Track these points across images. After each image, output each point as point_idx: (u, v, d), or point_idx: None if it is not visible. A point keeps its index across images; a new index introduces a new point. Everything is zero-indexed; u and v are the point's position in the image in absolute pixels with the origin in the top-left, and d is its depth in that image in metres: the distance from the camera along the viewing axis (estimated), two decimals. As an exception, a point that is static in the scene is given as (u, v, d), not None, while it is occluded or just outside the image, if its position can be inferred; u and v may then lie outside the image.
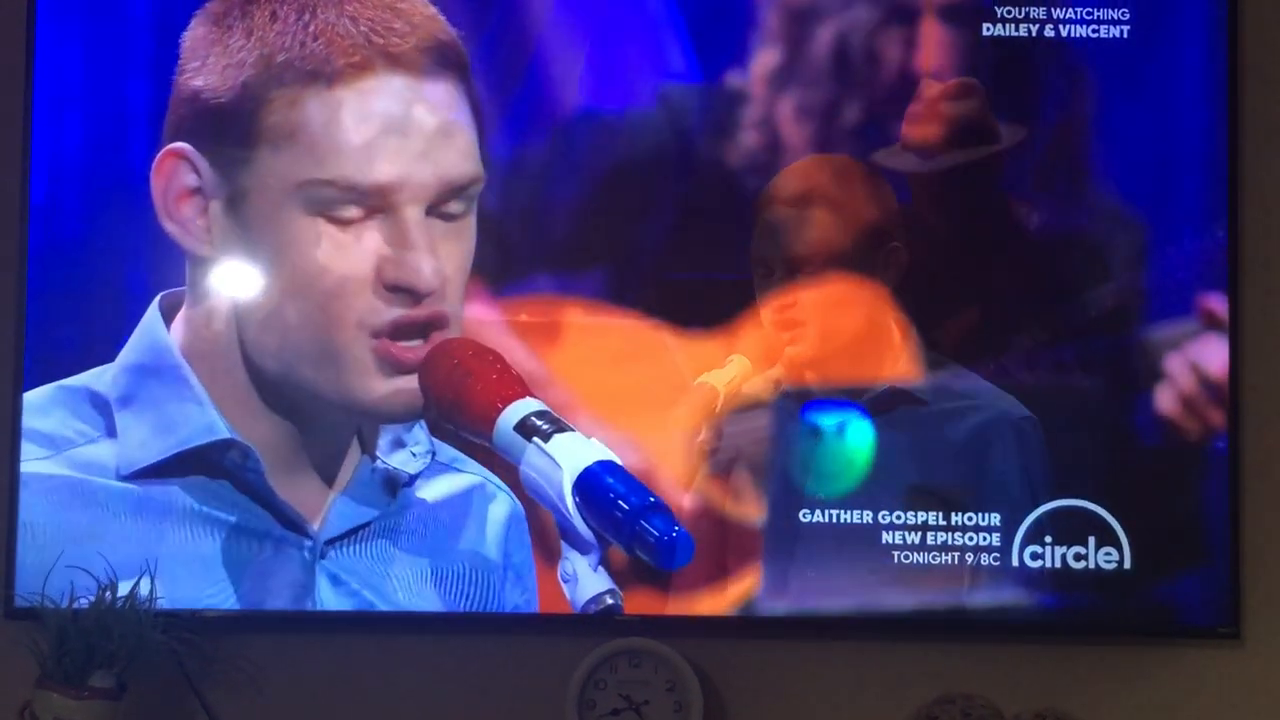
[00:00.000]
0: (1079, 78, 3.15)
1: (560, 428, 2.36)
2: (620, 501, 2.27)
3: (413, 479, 2.94)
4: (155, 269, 2.98)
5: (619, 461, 2.33)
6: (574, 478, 2.31)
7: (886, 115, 3.14)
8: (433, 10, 2.75)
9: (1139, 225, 3.13)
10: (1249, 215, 3.15)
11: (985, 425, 3.12)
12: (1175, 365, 3.09)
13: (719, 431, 3.10)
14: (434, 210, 2.74)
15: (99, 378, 2.91)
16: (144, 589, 2.85)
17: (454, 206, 2.75)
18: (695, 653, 3.05)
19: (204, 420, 2.83)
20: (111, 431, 2.87)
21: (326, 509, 2.89)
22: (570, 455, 2.33)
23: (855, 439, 3.11)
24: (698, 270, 3.15)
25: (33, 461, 2.93)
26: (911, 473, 3.12)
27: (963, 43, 3.15)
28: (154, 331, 2.87)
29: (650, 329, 3.13)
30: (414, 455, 2.94)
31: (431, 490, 2.96)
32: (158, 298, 2.89)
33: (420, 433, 2.96)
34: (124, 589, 2.84)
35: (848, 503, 3.10)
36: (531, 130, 3.13)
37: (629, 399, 3.10)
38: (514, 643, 3.08)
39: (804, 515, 3.09)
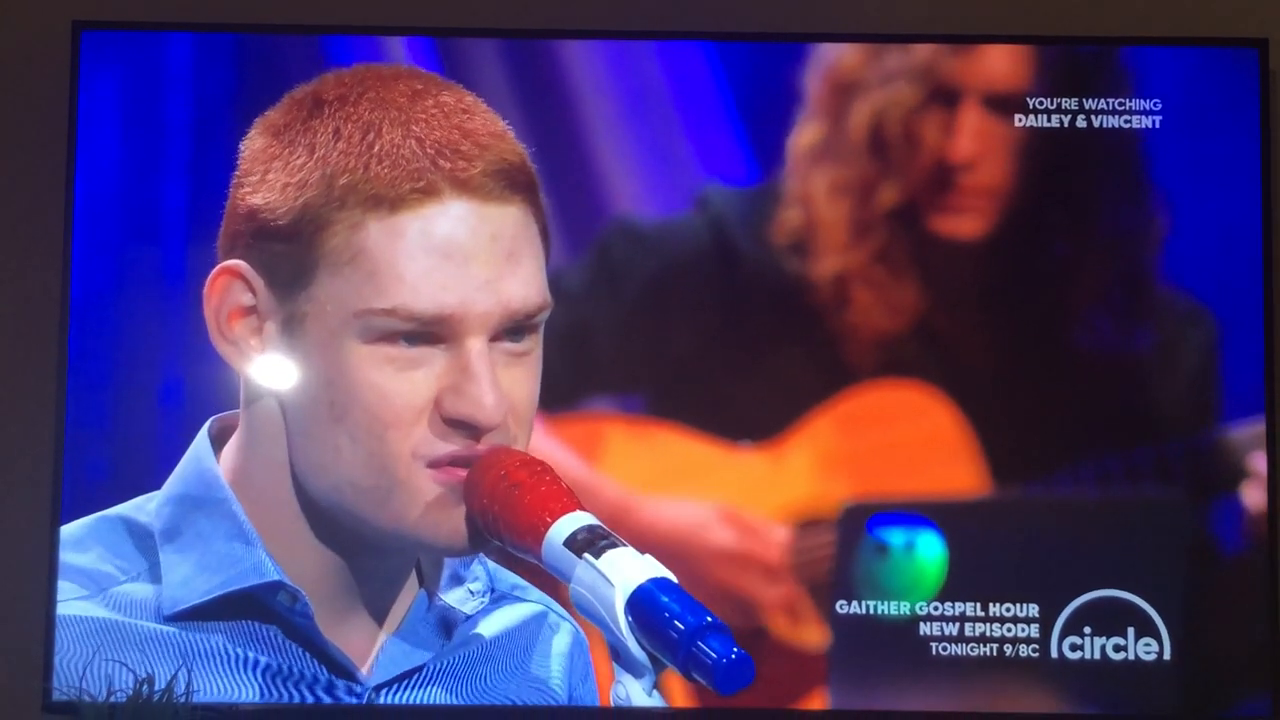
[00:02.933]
0: (1131, 169, 3.16)
1: (612, 543, 2.25)
2: (676, 621, 2.16)
3: (468, 619, 2.83)
4: (191, 382, 2.96)
5: (674, 579, 2.24)
6: (627, 596, 2.20)
7: (926, 202, 3.15)
8: (501, 126, 2.63)
9: (1208, 320, 3.13)
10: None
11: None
12: (1263, 464, 3.07)
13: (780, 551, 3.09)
14: (498, 340, 2.63)
15: (140, 508, 2.79)
16: (180, 683, 2.80)
17: (519, 336, 2.65)
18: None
19: (251, 560, 2.71)
20: (155, 567, 2.76)
21: (376, 652, 2.78)
22: (622, 572, 2.22)
23: (926, 554, 3.09)
24: (745, 381, 3.14)
25: (70, 602, 2.82)
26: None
27: (1011, 135, 3.16)
28: (202, 460, 2.74)
29: (696, 445, 3.11)
30: (471, 593, 2.83)
31: (490, 624, 2.85)
32: (208, 423, 2.78)
33: (479, 568, 2.85)
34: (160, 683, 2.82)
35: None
36: (573, 244, 3.14)
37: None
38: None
39: (840, 607, 3.07)
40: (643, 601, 2.19)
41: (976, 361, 3.14)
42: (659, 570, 2.22)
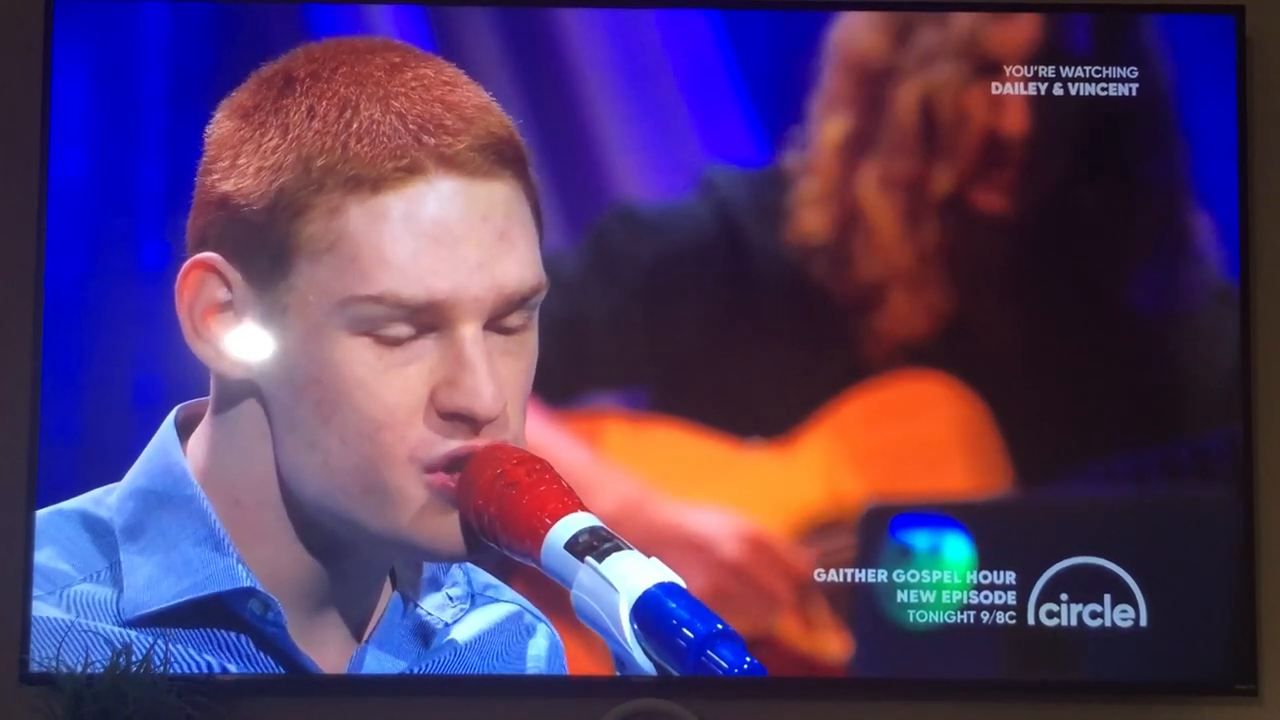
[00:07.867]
0: (1164, 141, 3.15)
1: (616, 545, 2.23)
2: (684, 629, 2.13)
3: (447, 627, 2.79)
4: (166, 377, 2.92)
5: (682, 584, 2.19)
6: (632, 602, 2.17)
7: (971, 182, 3.13)
8: (486, 98, 2.58)
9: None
10: (1261, 270, 3.19)
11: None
12: None
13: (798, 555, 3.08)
14: (492, 325, 2.57)
15: (99, 501, 2.74)
16: (158, 653, 2.81)
17: (514, 320, 2.58)
18: (709, 712, 3.03)
19: (222, 564, 2.65)
20: (115, 567, 2.71)
21: (350, 663, 2.74)
22: (627, 577, 2.19)
23: (952, 558, 3.07)
24: (754, 375, 3.08)
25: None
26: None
27: (1042, 104, 3.14)
28: (168, 452, 2.68)
29: (703, 443, 3.07)
30: (450, 599, 2.78)
31: (464, 628, 2.80)
32: (173, 412, 2.71)
33: (459, 572, 2.79)
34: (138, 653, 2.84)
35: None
36: (569, 229, 3.08)
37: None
38: (534, 705, 3.08)
39: (819, 575, 3.07)
40: (649, 608, 2.14)
41: (999, 351, 3.10)
42: (666, 575, 2.18)
